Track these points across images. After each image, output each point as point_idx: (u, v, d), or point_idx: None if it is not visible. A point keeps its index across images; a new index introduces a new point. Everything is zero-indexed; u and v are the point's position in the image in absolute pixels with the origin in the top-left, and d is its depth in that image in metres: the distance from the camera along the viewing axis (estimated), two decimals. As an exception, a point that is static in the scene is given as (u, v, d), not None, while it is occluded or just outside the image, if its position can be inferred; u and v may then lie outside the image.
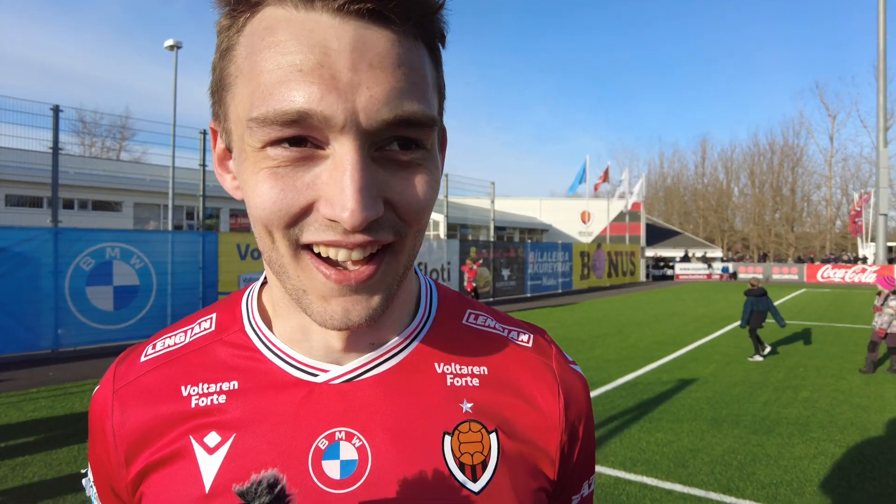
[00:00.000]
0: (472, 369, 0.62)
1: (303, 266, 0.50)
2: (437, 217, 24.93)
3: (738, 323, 9.24)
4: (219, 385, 0.59)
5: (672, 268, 34.58)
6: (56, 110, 9.26)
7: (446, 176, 17.06)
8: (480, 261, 17.53)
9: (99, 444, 0.62)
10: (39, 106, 9.31)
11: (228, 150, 0.54)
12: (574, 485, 0.67)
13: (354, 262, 0.49)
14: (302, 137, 0.46)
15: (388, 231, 0.50)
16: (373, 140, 0.47)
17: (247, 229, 24.38)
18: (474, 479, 0.57)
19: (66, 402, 6.19)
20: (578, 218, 37.59)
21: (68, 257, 8.87)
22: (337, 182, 0.45)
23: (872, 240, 33.52)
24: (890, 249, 34.56)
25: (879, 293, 8.39)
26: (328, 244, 0.48)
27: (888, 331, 8.07)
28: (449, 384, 0.61)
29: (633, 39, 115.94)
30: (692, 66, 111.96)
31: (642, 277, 32.82)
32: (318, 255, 0.50)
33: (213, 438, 0.56)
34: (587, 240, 34.63)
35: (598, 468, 4.49)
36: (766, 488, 4.22)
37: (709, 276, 33.01)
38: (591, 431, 0.68)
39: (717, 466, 4.62)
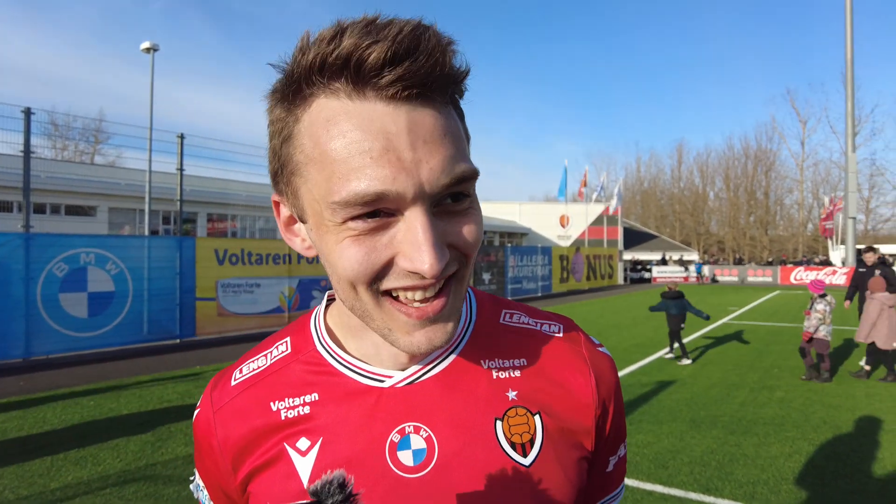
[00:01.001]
0: (512, 362, 0.72)
1: (385, 310, 0.59)
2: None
3: (706, 318, 9.39)
4: (302, 398, 0.69)
5: (649, 271, 35.05)
6: (27, 113, 9.04)
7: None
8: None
9: (207, 456, 0.73)
10: (10, 108, 9.07)
11: (298, 219, 0.63)
12: (610, 448, 0.77)
13: (432, 301, 0.58)
14: (376, 211, 0.54)
15: (453, 265, 0.59)
16: (433, 200, 0.56)
17: (223, 234, 24.00)
18: (524, 455, 0.67)
19: (38, 412, 6.03)
20: (557, 222, 37.90)
21: (40, 263, 8.64)
22: (412, 242, 0.54)
23: (842, 242, 34.37)
24: (859, 252, 35.41)
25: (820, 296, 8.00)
26: (407, 289, 0.57)
27: (814, 336, 7.75)
28: (495, 377, 0.70)
29: (610, 46, 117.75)
30: (668, 72, 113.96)
31: (620, 280, 33.20)
32: (396, 298, 0.58)
33: (303, 443, 0.67)
34: (566, 243, 34.89)
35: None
36: (743, 487, 4.30)
37: (685, 278, 33.51)
38: (621, 403, 0.77)
39: (697, 467, 4.70)
